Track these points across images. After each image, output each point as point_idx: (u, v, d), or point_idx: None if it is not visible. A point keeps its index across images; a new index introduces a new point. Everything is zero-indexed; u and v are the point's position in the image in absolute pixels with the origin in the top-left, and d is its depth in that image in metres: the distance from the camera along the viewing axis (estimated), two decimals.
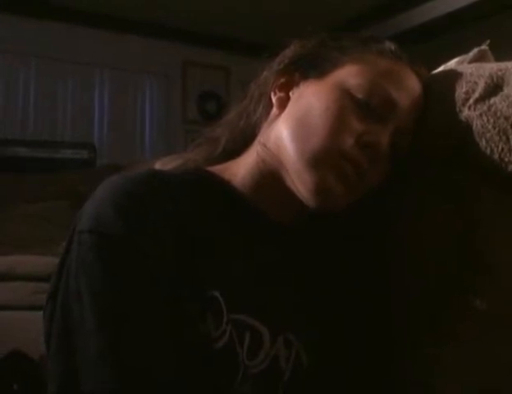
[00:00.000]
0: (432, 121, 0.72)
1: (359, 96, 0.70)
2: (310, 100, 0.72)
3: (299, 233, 0.76)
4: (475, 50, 0.91)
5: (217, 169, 0.76)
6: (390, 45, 0.75)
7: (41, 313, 0.66)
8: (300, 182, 0.69)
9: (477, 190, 0.69)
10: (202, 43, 4.37)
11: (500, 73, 0.71)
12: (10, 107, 3.89)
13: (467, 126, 0.69)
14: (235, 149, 0.79)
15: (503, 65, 0.73)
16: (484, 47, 0.91)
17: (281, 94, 0.76)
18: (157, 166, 0.80)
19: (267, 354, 0.66)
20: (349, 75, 0.72)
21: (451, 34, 3.57)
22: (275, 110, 0.76)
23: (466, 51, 0.92)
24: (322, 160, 0.68)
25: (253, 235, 0.72)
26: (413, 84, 0.73)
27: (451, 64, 0.91)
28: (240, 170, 0.75)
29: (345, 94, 0.70)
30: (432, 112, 0.73)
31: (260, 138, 0.76)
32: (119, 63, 4.17)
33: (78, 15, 3.93)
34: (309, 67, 0.75)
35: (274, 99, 0.76)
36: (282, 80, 0.77)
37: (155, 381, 0.57)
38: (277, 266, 0.72)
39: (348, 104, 0.70)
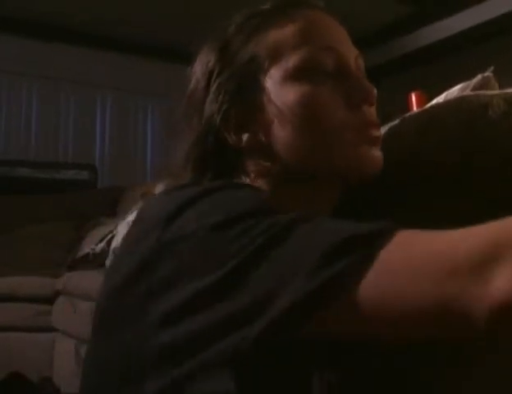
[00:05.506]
0: (446, 136, 0.69)
1: (311, 70, 0.63)
2: (283, 112, 0.63)
3: None
4: (479, 76, 0.89)
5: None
6: (274, 4, 0.69)
7: (41, 335, 0.60)
8: (344, 169, 0.64)
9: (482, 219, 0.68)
10: None
11: None
12: (12, 128, 3.90)
13: (483, 141, 0.66)
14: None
15: None
16: (488, 73, 0.89)
17: (246, 137, 0.65)
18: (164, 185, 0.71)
19: None
20: (283, 65, 0.64)
21: (462, 55, 3.57)
22: (255, 155, 0.65)
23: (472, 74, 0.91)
24: (347, 145, 0.63)
25: None
26: (327, 17, 0.68)
27: (454, 91, 0.90)
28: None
29: (301, 79, 0.63)
30: (449, 130, 0.69)
31: (267, 182, 0.65)
32: (121, 85, 4.20)
33: (80, 36, 3.96)
34: (249, 90, 0.65)
35: (244, 144, 0.65)
36: (233, 121, 0.65)
37: None
38: None
39: (312, 88, 0.63)
